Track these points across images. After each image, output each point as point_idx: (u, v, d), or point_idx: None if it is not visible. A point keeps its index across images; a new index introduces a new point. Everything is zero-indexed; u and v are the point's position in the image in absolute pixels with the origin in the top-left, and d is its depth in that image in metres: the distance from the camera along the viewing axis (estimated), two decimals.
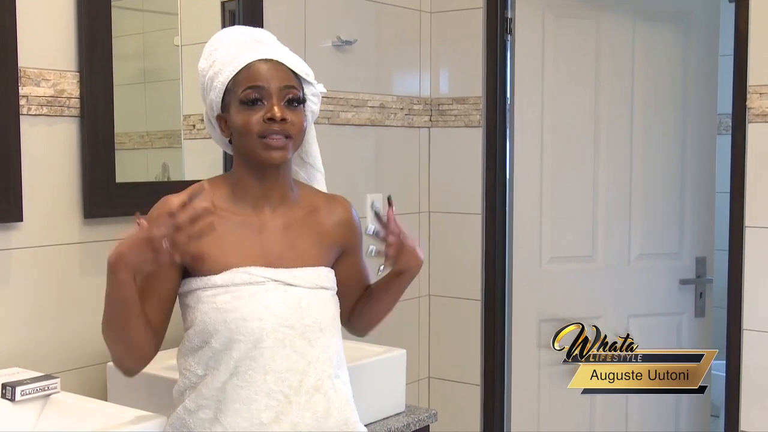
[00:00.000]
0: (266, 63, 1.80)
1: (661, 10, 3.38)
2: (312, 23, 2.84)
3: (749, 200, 2.77)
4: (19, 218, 2.06)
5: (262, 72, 1.78)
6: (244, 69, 1.79)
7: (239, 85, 1.79)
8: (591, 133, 3.33)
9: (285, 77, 1.80)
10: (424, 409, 2.48)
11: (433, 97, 3.38)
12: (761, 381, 2.78)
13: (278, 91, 1.78)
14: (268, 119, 1.75)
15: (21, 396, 1.85)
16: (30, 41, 2.08)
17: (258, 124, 1.76)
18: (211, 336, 1.75)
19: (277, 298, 1.78)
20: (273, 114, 1.75)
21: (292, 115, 1.78)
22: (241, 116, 1.78)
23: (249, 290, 1.77)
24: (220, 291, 1.76)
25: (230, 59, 1.81)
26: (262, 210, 1.85)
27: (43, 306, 2.14)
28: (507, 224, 3.31)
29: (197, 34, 2.56)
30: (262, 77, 1.78)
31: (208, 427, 1.77)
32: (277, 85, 1.78)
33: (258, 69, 1.79)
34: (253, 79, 1.78)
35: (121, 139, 2.28)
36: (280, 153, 1.78)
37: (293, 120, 1.78)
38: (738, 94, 2.77)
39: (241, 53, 1.82)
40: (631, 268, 3.40)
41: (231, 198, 1.84)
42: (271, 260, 1.82)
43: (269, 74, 1.78)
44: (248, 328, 1.74)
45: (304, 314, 1.79)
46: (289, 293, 1.80)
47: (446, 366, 3.41)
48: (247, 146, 1.79)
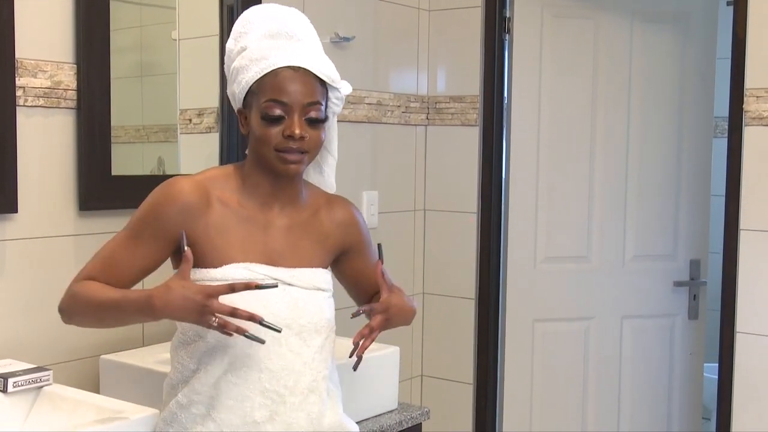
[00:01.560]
0: (295, 72, 1.76)
1: (659, 12, 3.38)
2: (310, 19, 2.81)
3: (744, 203, 2.77)
4: (13, 209, 2.06)
5: (288, 85, 1.75)
6: (270, 74, 1.76)
7: (263, 93, 1.76)
8: (587, 134, 3.33)
9: (309, 92, 1.76)
10: (416, 407, 2.48)
11: (430, 95, 3.38)
12: (753, 384, 2.78)
13: (301, 108, 1.75)
14: (287, 136, 1.74)
15: (13, 387, 1.85)
16: (27, 32, 2.08)
17: (276, 137, 1.75)
18: (206, 330, 1.74)
19: (275, 296, 1.77)
20: (293, 132, 1.74)
21: (312, 131, 1.77)
22: (261, 127, 1.76)
23: None
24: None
25: (258, 57, 1.78)
26: (270, 208, 1.84)
27: (37, 298, 2.14)
28: (502, 223, 3.31)
29: (194, 28, 2.56)
30: (286, 92, 1.74)
31: (200, 423, 1.76)
32: (300, 101, 1.75)
33: (284, 80, 1.75)
34: (277, 93, 1.74)
35: (117, 132, 2.28)
36: (296, 167, 1.78)
37: (312, 136, 1.77)
38: (735, 97, 2.78)
39: (269, 53, 1.77)
40: (626, 269, 3.40)
41: (240, 191, 1.83)
42: (272, 258, 1.81)
43: (294, 88, 1.75)
44: (244, 324, 1.74)
45: (301, 314, 1.79)
46: (288, 293, 1.79)
47: (439, 364, 3.41)
48: (264, 156, 1.78)
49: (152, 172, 2.47)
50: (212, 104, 2.57)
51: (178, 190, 1.76)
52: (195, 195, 1.77)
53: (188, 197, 1.76)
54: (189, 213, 1.76)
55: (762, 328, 2.76)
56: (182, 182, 1.78)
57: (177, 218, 1.75)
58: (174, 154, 2.53)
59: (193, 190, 1.77)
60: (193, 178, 1.81)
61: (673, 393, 3.47)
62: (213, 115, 2.55)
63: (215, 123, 2.53)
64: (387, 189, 3.22)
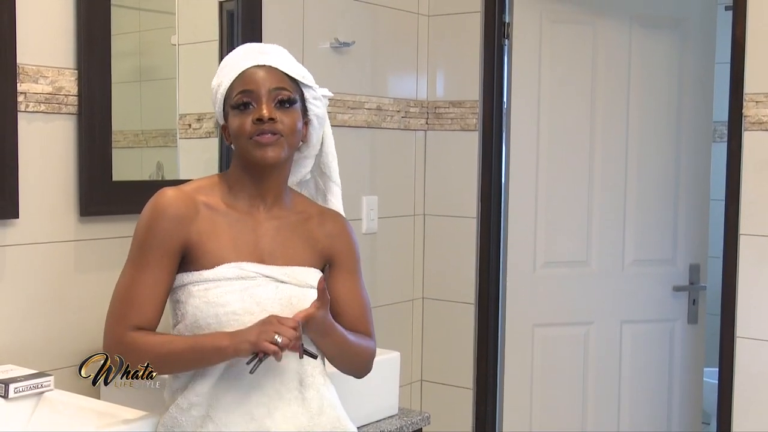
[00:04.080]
0: (260, 68, 1.84)
1: (657, 17, 3.39)
2: (310, 25, 2.84)
3: (744, 208, 2.77)
4: (15, 215, 2.05)
5: (254, 77, 1.83)
6: (238, 76, 1.84)
7: (233, 91, 1.83)
8: (586, 139, 3.33)
9: (276, 80, 1.83)
10: (417, 412, 2.48)
11: (429, 100, 3.39)
12: (753, 389, 2.78)
13: (268, 93, 1.81)
14: (257, 120, 1.79)
15: (14, 393, 1.85)
16: (29, 38, 2.08)
17: (249, 126, 1.80)
18: (202, 330, 1.77)
19: (268, 293, 1.79)
20: (261, 114, 1.79)
21: (283, 115, 1.82)
22: (235, 120, 1.82)
23: (240, 285, 1.79)
24: (212, 285, 1.78)
25: (229, 70, 1.86)
26: (258, 209, 1.88)
27: (38, 303, 2.14)
28: (502, 228, 3.31)
29: (194, 33, 2.56)
30: (253, 81, 1.82)
31: (200, 424, 1.78)
32: (266, 87, 1.82)
33: (250, 74, 1.83)
34: (244, 84, 1.82)
35: (116, 137, 2.28)
36: (273, 150, 1.80)
37: (283, 119, 1.81)
38: (734, 102, 2.78)
39: (239, 63, 1.86)
40: (625, 273, 3.40)
41: (228, 194, 1.88)
42: (263, 257, 1.84)
43: (260, 77, 1.82)
44: (240, 322, 1.75)
45: (295, 311, 1.80)
46: (281, 290, 1.81)
47: (439, 369, 3.41)
48: (242, 148, 1.83)
49: (151, 177, 2.47)
50: (211, 109, 2.55)
51: (166, 201, 1.80)
52: (182, 204, 1.81)
53: (176, 207, 1.80)
54: (180, 221, 1.79)
55: (762, 333, 2.76)
56: (168, 193, 1.82)
57: (172, 228, 1.79)
58: (173, 159, 2.53)
59: (180, 200, 1.81)
60: (178, 189, 1.85)
61: (673, 398, 3.46)
62: (212, 120, 2.55)
63: (214, 128, 2.53)
64: (387, 194, 3.22)
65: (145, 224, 1.80)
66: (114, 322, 1.79)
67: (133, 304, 1.78)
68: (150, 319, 1.78)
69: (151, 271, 1.78)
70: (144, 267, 1.78)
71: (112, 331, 1.78)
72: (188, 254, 1.80)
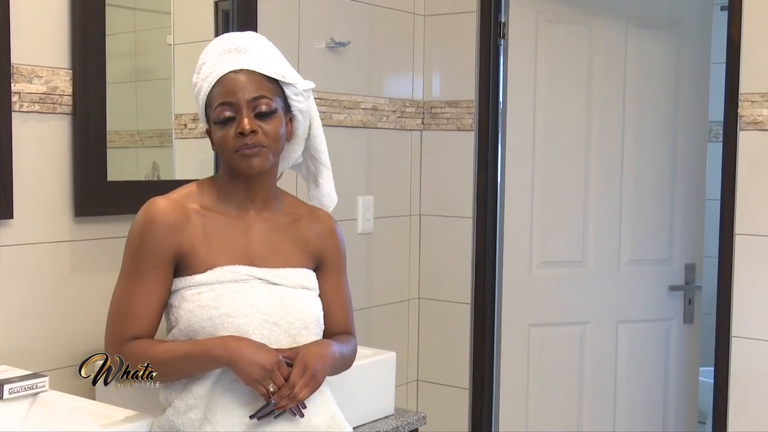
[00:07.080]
0: (237, 74, 1.82)
1: (653, 17, 3.39)
2: (306, 24, 2.84)
3: (739, 208, 2.77)
4: (9, 215, 2.05)
5: (232, 86, 1.81)
6: (217, 83, 1.83)
7: (214, 101, 1.83)
8: (582, 139, 3.33)
9: (255, 88, 1.82)
10: (413, 412, 2.47)
11: (425, 101, 3.38)
12: (749, 388, 2.78)
13: (247, 104, 1.80)
14: (238, 134, 1.79)
15: (9, 394, 1.85)
16: (23, 38, 2.07)
17: (232, 139, 1.80)
18: (196, 333, 1.77)
19: (261, 295, 1.81)
20: (242, 128, 1.79)
21: (264, 124, 1.81)
22: (218, 133, 1.83)
23: (233, 287, 1.79)
24: (205, 289, 1.79)
25: (207, 74, 1.85)
26: (247, 212, 1.89)
27: (33, 304, 2.13)
28: (498, 228, 3.31)
29: (190, 33, 2.56)
30: (231, 92, 1.81)
31: (198, 427, 1.78)
32: (245, 97, 1.80)
33: (228, 83, 1.82)
34: (223, 95, 1.81)
35: (111, 137, 2.27)
36: (258, 161, 1.81)
37: (266, 130, 1.81)
38: (729, 102, 2.78)
39: (216, 67, 1.85)
40: (621, 273, 3.41)
41: (217, 199, 1.88)
42: (254, 260, 1.85)
43: (239, 87, 1.81)
44: (234, 324, 1.76)
45: (288, 312, 1.82)
46: (273, 291, 1.82)
47: (435, 369, 3.41)
48: (228, 161, 1.84)
49: (147, 177, 2.47)
50: None
51: (157, 210, 1.81)
52: (173, 212, 1.81)
53: (167, 217, 1.80)
54: (172, 230, 1.80)
55: (757, 332, 2.76)
56: (158, 202, 1.83)
57: (164, 238, 1.79)
58: (169, 159, 2.53)
59: (170, 209, 1.82)
60: (167, 197, 1.85)
61: (669, 397, 3.47)
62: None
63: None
64: (382, 194, 3.22)
65: (137, 235, 1.81)
66: (111, 334, 1.81)
67: (129, 316, 1.79)
68: (147, 329, 1.80)
69: (145, 282, 1.78)
70: (138, 278, 1.79)
71: (110, 345, 1.81)
72: (181, 261, 1.81)
